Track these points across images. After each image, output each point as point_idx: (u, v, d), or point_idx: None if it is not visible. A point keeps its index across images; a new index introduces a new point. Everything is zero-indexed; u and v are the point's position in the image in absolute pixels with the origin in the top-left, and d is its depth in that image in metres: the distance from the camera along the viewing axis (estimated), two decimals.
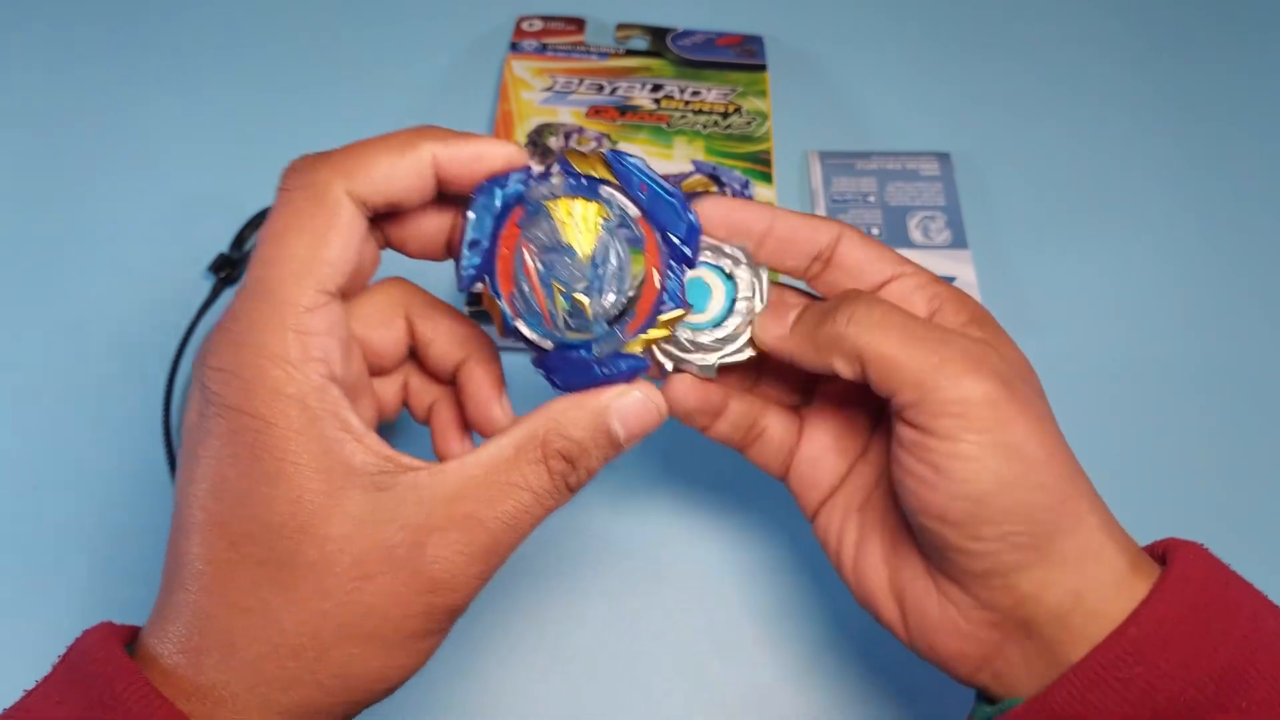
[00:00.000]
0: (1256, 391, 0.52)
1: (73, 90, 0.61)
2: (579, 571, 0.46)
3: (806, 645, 0.44)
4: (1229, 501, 0.49)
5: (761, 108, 0.59)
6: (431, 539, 0.27)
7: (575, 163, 0.30)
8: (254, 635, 0.26)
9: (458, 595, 0.28)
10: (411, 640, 0.28)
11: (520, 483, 0.28)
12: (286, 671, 0.26)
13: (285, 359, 0.26)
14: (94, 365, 0.51)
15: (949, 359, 0.29)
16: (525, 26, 0.62)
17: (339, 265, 0.27)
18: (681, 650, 0.44)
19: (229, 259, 0.53)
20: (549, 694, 0.43)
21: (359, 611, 0.26)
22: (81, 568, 0.45)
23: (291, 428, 0.26)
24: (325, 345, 0.27)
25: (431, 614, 0.27)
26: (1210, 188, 0.59)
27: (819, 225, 0.33)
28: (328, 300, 0.27)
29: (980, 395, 0.28)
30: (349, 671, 0.27)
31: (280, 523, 0.26)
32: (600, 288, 0.30)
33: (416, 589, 0.27)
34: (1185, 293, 0.55)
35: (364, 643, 0.27)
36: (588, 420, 0.29)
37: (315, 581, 0.26)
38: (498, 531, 0.28)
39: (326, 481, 0.26)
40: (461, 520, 0.27)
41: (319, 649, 0.26)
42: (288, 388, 0.26)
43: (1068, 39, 0.65)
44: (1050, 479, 0.29)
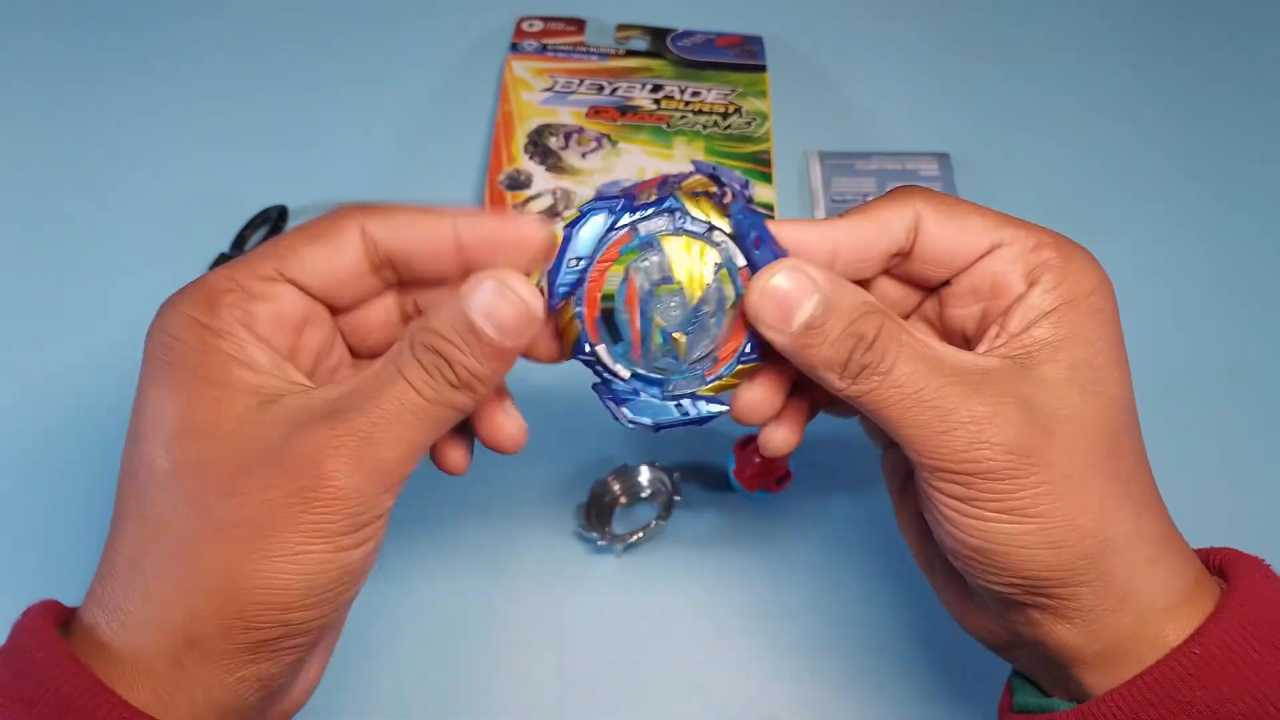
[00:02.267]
0: (1253, 395, 0.52)
1: (73, 92, 0.61)
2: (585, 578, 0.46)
3: (805, 645, 0.44)
4: (1227, 503, 0.49)
5: (761, 108, 0.59)
6: (311, 429, 0.27)
7: (689, 204, 0.31)
8: (147, 544, 0.27)
9: (332, 483, 0.26)
10: (295, 538, 0.26)
11: (399, 373, 0.28)
12: (173, 576, 0.26)
13: (217, 299, 0.28)
14: (94, 365, 0.51)
15: (952, 433, 0.27)
16: (525, 27, 0.62)
17: (311, 265, 0.29)
18: (680, 656, 0.44)
19: (229, 259, 0.53)
20: (547, 696, 0.43)
21: (235, 504, 0.26)
22: (81, 565, 0.45)
23: (197, 344, 0.28)
24: (257, 307, 0.28)
25: (307, 501, 0.26)
26: (1207, 190, 0.59)
27: (889, 217, 0.30)
28: (281, 281, 0.29)
29: (986, 469, 0.27)
30: (231, 570, 0.26)
31: (175, 427, 0.27)
32: (699, 331, 0.30)
33: (294, 475, 0.26)
34: (1185, 292, 0.55)
35: (241, 536, 0.26)
36: (447, 312, 0.28)
37: (198, 478, 0.27)
38: (375, 419, 0.27)
39: (218, 390, 0.27)
40: (342, 412, 0.27)
41: (197, 546, 0.26)
42: (207, 318, 0.28)
43: (1066, 41, 0.65)
44: (1073, 537, 0.27)
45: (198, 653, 0.26)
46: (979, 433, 0.27)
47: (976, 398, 0.27)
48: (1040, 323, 0.29)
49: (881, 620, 0.45)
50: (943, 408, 0.27)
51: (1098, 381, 0.29)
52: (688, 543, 0.47)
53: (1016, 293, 0.30)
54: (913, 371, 0.28)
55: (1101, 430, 0.28)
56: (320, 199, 0.56)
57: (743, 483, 0.46)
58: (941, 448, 0.27)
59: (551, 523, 0.47)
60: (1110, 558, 0.28)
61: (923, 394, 0.28)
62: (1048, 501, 0.27)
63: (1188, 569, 0.29)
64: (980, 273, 0.30)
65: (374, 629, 0.44)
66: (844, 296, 0.28)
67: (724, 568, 0.46)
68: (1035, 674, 0.31)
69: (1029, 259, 0.30)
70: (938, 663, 0.44)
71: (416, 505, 0.42)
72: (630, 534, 0.45)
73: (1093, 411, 0.28)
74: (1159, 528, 0.29)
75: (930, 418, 0.28)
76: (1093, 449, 0.28)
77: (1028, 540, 0.27)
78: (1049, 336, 0.29)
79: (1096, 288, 0.30)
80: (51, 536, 0.46)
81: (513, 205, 0.54)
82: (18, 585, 0.45)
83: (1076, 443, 0.28)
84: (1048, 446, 0.27)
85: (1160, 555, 0.28)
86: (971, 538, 0.28)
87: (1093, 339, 0.29)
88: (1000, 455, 0.27)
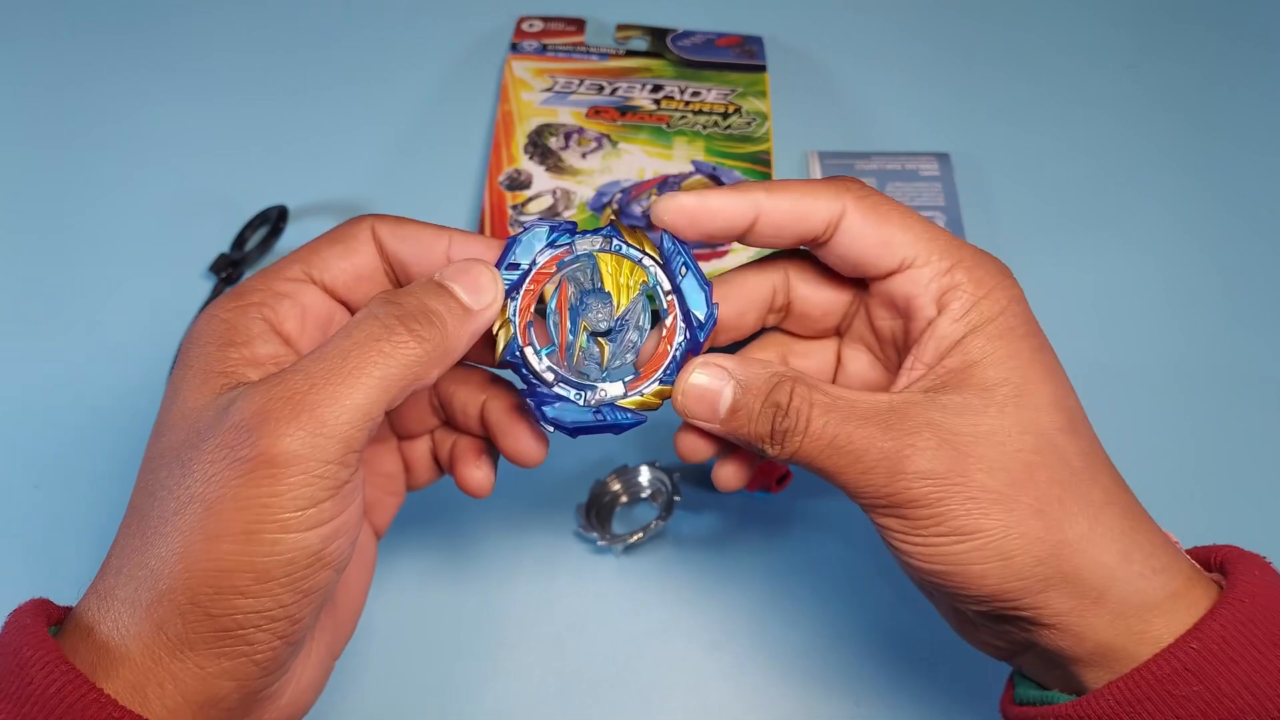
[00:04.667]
0: (1252, 395, 0.52)
1: (74, 91, 0.61)
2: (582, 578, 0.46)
3: (799, 644, 0.44)
4: (1227, 503, 0.49)
5: (761, 108, 0.59)
6: (250, 393, 0.27)
7: (625, 234, 0.32)
8: (127, 534, 0.28)
9: (276, 451, 0.26)
10: (239, 517, 0.26)
11: (337, 333, 0.28)
12: (140, 563, 0.27)
13: (242, 298, 0.30)
14: (94, 365, 0.51)
15: (875, 468, 0.29)
16: (525, 27, 0.62)
17: (331, 264, 0.31)
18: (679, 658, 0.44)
19: (229, 259, 0.53)
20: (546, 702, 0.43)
21: (190, 482, 0.26)
22: (82, 566, 0.45)
23: (202, 339, 0.29)
24: (280, 303, 0.30)
25: (250, 475, 0.26)
26: (1206, 190, 0.59)
27: (815, 204, 0.31)
28: (305, 281, 0.31)
29: (910, 498, 0.28)
30: (184, 553, 0.26)
31: (161, 419, 0.29)
32: (621, 341, 0.32)
33: (234, 444, 0.26)
34: (1185, 293, 0.55)
35: (193, 517, 0.26)
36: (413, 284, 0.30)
37: (164, 462, 0.28)
38: (313, 377, 0.27)
39: (203, 379, 0.28)
40: (282, 374, 0.27)
41: (159, 530, 0.27)
42: (224, 312, 0.30)
43: (1066, 42, 0.65)
44: (1020, 546, 0.28)
45: (165, 640, 0.26)
46: (895, 465, 0.28)
47: (889, 434, 0.29)
48: (951, 353, 0.30)
49: (882, 620, 0.45)
50: (858, 449, 0.29)
51: (1017, 395, 0.29)
52: (688, 543, 0.47)
53: (928, 317, 0.30)
54: (827, 423, 0.29)
55: (1028, 441, 0.29)
56: (320, 199, 0.56)
57: None
58: (867, 486, 0.29)
59: (551, 523, 0.47)
60: (1070, 559, 0.28)
61: (837, 440, 0.29)
62: (981, 518, 0.28)
63: (1173, 565, 0.29)
64: (894, 290, 0.31)
65: (374, 628, 0.44)
66: (755, 375, 0.30)
67: (724, 568, 0.46)
68: (1040, 675, 0.31)
69: (940, 282, 0.30)
70: (938, 662, 0.44)
71: (417, 505, 0.42)
72: (630, 534, 0.45)
73: (1013, 424, 0.29)
74: (1126, 524, 0.29)
75: (849, 461, 0.29)
76: (1018, 460, 0.28)
77: (975, 557, 0.28)
78: (958, 365, 0.30)
79: (1006, 307, 0.30)
80: (50, 534, 0.46)
81: (512, 205, 0.54)
82: (17, 585, 0.45)
83: (998, 456, 0.28)
84: (966, 466, 0.28)
85: (1131, 552, 0.28)
86: (924, 564, 0.29)
87: (1004, 358, 0.29)
88: (918, 483, 0.28)
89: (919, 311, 0.31)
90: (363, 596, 0.35)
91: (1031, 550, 0.28)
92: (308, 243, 0.32)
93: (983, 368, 0.29)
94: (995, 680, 0.35)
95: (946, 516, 0.28)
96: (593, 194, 0.55)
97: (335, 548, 0.27)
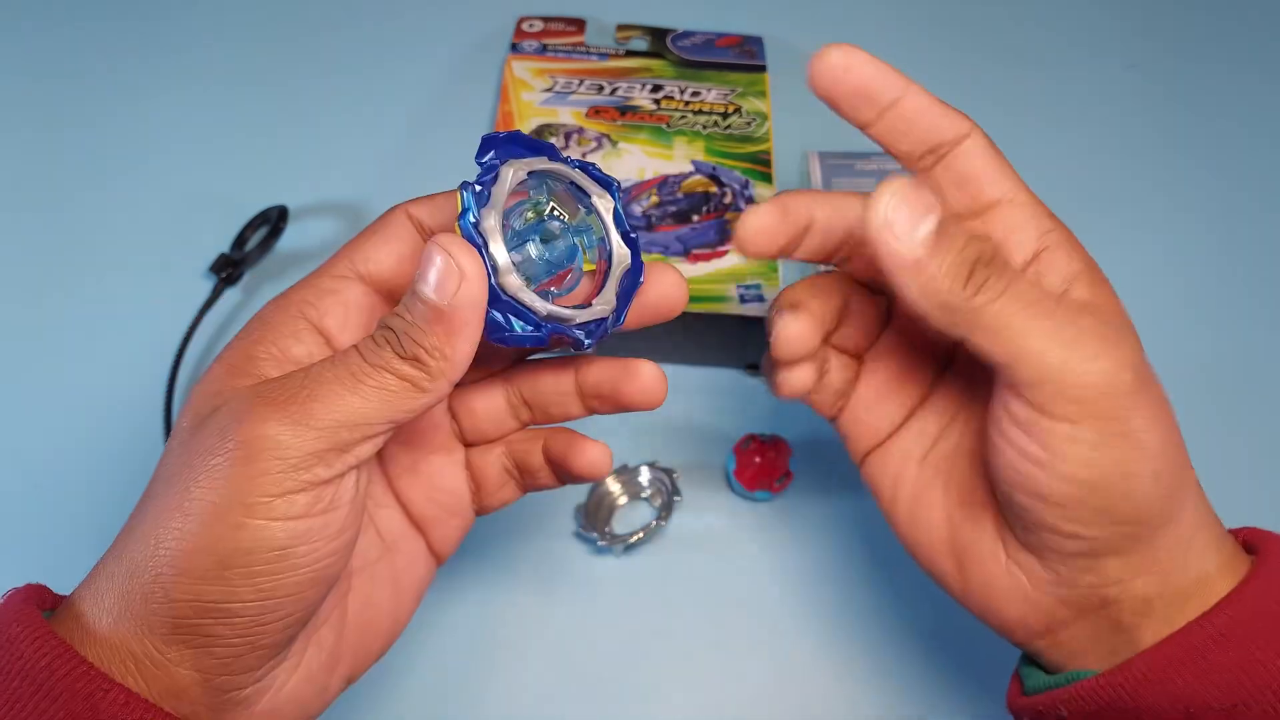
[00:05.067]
0: (1258, 390, 0.52)
1: (73, 90, 0.61)
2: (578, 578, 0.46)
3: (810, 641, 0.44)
4: (1230, 500, 0.49)
5: (761, 108, 0.59)
6: (255, 388, 0.27)
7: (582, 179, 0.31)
8: (137, 519, 0.27)
9: (255, 436, 0.25)
10: (205, 496, 0.25)
11: (346, 349, 0.28)
12: (122, 544, 0.27)
13: (290, 297, 0.30)
14: (94, 365, 0.51)
15: (1080, 341, 0.27)
16: (525, 27, 0.62)
17: (374, 254, 0.31)
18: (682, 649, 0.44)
19: (229, 259, 0.53)
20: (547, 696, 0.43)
21: (177, 468, 0.27)
22: (83, 567, 0.45)
23: (247, 340, 0.29)
24: (326, 300, 0.30)
25: (223, 453, 0.25)
26: (1209, 187, 0.59)
27: (948, 116, 0.31)
28: (352, 277, 0.31)
29: (1109, 383, 0.27)
30: (154, 533, 0.26)
31: (184, 409, 0.29)
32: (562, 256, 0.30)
33: (220, 432, 0.26)
34: (1185, 293, 0.55)
35: (170, 498, 0.26)
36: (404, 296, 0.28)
37: (168, 445, 0.28)
38: (314, 378, 0.26)
39: (226, 375, 0.29)
40: (286, 376, 0.27)
41: (141, 513, 0.27)
42: (267, 313, 0.30)
43: (1067, 39, 0.65)
44: (1166, 468, 0.28)
45: (130, 619, 0.26)
46: (1102, 344, 0.27)
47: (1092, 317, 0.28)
48: (1075, 285, 0.29)
49: (882, 619, 0.45)
50: (1068, 316, 0.27)
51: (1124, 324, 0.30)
52: (688, 543, 0.47)
53: (1030, 249, 0.30)
54: (1030, 285, 0.28)
55: (1132, 373, 0.28)
56: (320, 199, 0.56)
57: (743, 483, 0.46)
58: (1069, 359, 0.27)
59: (551, 523, 0.47)
60: (1185, 498, 0.29)
61: (1045, 303, 0.27)
62: (1154, 430, 0.27)
63: (1225, 536, 0.30)
64: (995, 221, 0.31)
65: None
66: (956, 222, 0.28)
67: (724, 568, 0.46)
68: (1082, 653, 0.30)
69: (1039, 224, 0.30)
70: (939, 661, 0.44)
71: None
72: (630, 534, 0.45)
73: (1129, 349, 0.28)
74: (1191, 477, 0.30)
75: (1057, 325, 0.27)
76: (1137, 378, 0.28)
77: (1136, 468, 0.27)
78: (1089, 298, 0.29)
79: (1093, 265, 0.30)
80: (50, 534, 0.46)
81: None
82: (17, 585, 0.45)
83: (1120, 371, 0.27)
84: (1149, 375, 0.28)
85: (1208, 515, 0.30)
86: (1081, 470, 0.27)
87: (1115, 307, 0.30)
88: (1125, 370, 0.27)
89: (1018, 246, 0.30)
90: (393, 623, 0.33)
91: (1174, 476, 0.28)
92: (353, 238, 0.31)
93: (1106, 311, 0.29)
94: (999, 675, 0.35)
95: (1132, 414, 0.27)
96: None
97: (306, 551, 0.26)
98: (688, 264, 0.52)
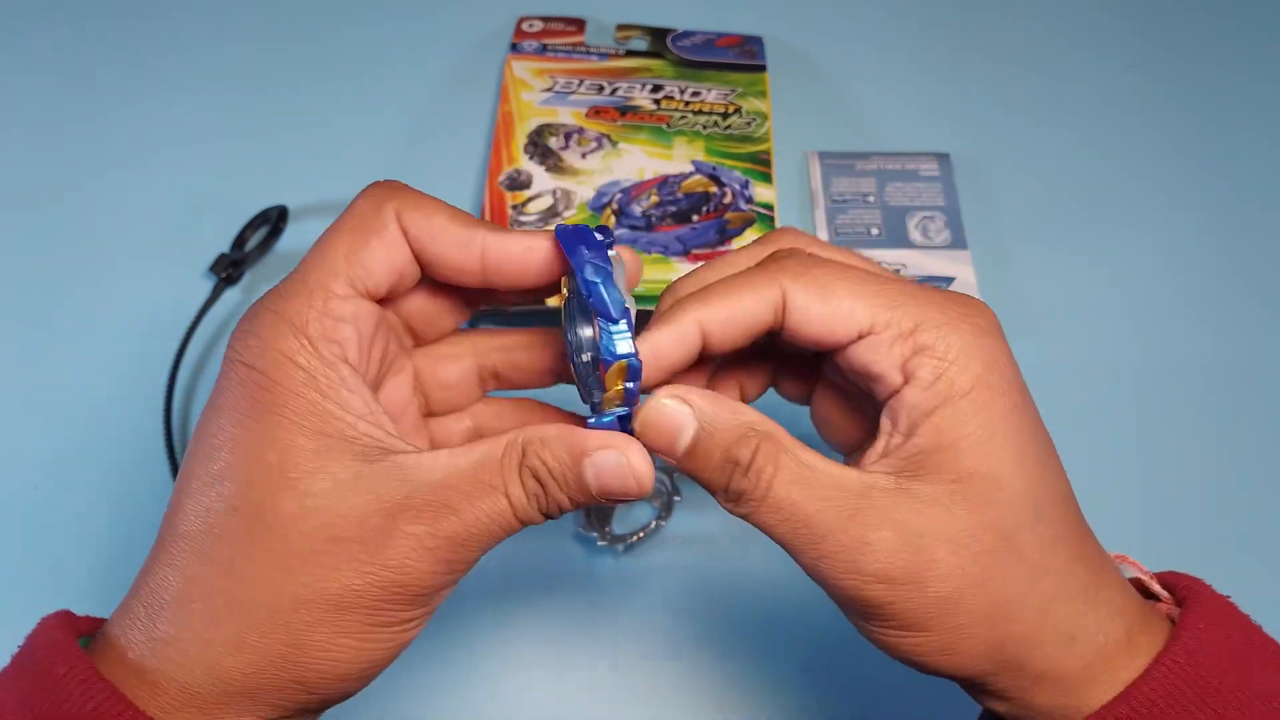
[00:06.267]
0: (1258, 391, 0.52)
1: (73, 90, 0.61)
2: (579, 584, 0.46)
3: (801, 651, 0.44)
4: (1231, 501, 0.49)
5: (761, 108, 0.59)
6: (405, 516, 0.27)
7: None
8: (214, 586, 0.26)
9: (418, 579, 0.27)
10: (369, 620, 0.27)
11: (501, 486, 0.27)
12: (239, 630, 0.26)
13: (304, 331, 0.27)
14: (94, 365, 0.51)
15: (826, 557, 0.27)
16: (525, 27, 0.62)
17: (373, 268, 0.29)
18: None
19: (229, 259, 0.53)
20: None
21: (320, 574, 0.26)
22: (82, 567, 0.45)
23: (294, 389, 0.27)
24: (344, 331, 0.28)
25: (391, 592, 0.27)
26: (1209, 187, 0.59)
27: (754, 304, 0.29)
28: (355, 295, 0.29)
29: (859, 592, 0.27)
30: (301, 640, 0.26)
31: (265, 472, 0.27)
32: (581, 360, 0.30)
33: (380, 562, 0.26)
34: (1185, 292, 0.55)
35: (320, 609, 0.26)
36: (564, 453, 0.28)
37: (284, 536, 0.26)
38: (470, 525, 0.27)
39: (316, 442, 0.27)
40: (437, 506, 0.27)
41: (275, 607, 0.26)
42: (298, 356, 0.27)
43: (1067, 39, 0.65)
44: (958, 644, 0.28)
45: (248, 702, 0.27)
46: (852, 561, 0.27)
47: (851, 524, 0.27)
48: (922, 427, 0.28)
49: None
50: (816, 533, 0.27)
51: (987, 490, 0.27)
52: (688, 543, 0.47)
53: (893, 385, 0.28)
54: (787, 496, 0.28)
55: (988, 541, 0.27)
56: (320, 199, 0.56)
57: None
58: (819, 570, 0.28)
59: (551, 523, 0.47)
60: (1013, 651, 0.28)
61: (795, 520, 0.28)
62: (927, 618, 0.27)
63: (1123, 634, 0.28)
64: (854, 361, 0.29)
65: None
66: (723, 421, 0.28)
67: (724, 568, 0.46)
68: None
69: (902, 347, 0.28)
70: None
71: None
72: (630, 534, 0.45)
73: (977, 524, 0.27)
74: (1076, 607, 0.28)
75: (805, 543, 0.28)
76: (977, 564, 0.27)
77: (918, 649, 0.28)
78: (931, 445, 0.28)
79: (980, 376, 0.28)
80: (49, 534, 0.46)
81: (512, 205, 0.54)
82: (18, 584, 0.45)
83: (957, 561, 0.27)
84: (923, 571, 0.27)
85: (1077, 634, 0.28)
86: (868, 637, 0.29)
87: (979, 442, 0.28)
88: (872, 584, 0.27)
89: (884, 379, 0.29)
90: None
91: (976, 647, 0.28)
92: (336, 237, 0.29)
93: (956, 454, 0.28)
94: None
95: (895, 615, 0.28)
96: (593, 194, 0.55)
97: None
98: (688, 264, 0.52)
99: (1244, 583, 0.47)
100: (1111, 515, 0.34)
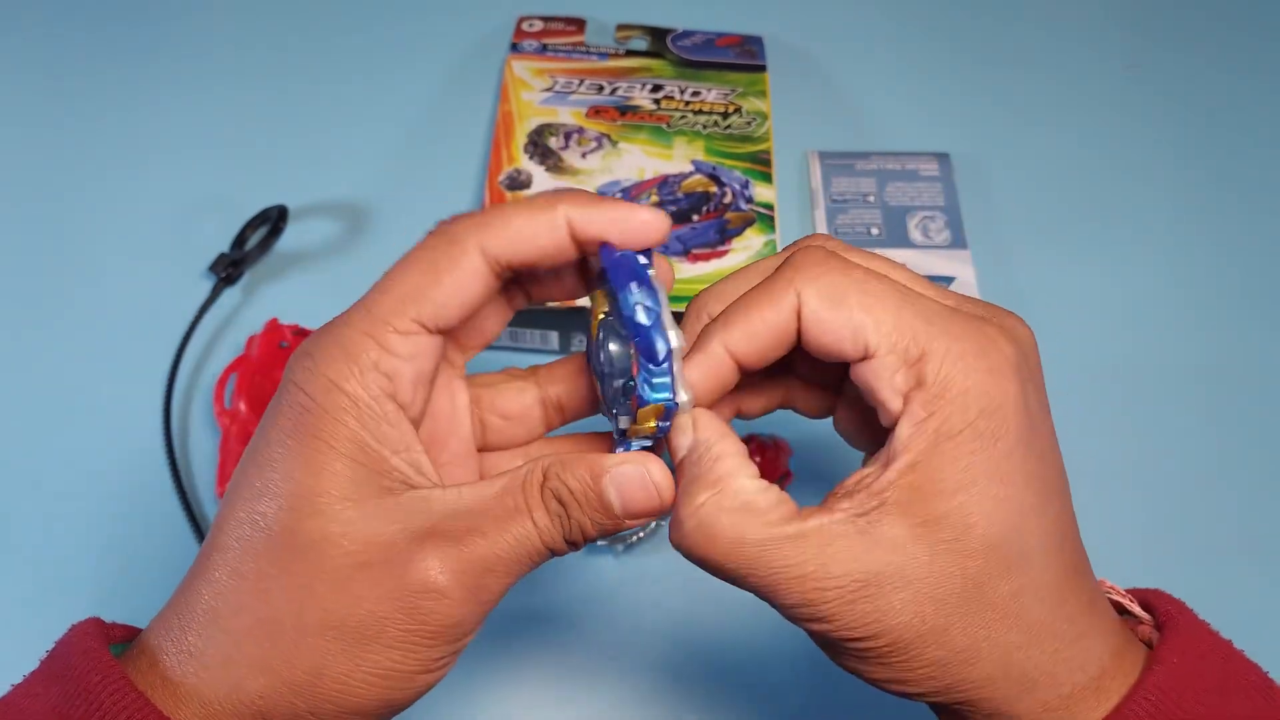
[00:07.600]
0: (1256, 392, 0.52)
1: (73, 90, 0.61)
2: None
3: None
4: (1230, 502, 0.49)
5: (761, 108, 0.59)
6: (432, 542, 0.27)
7: None
8: (242, 604, 0.26)
9: (446, 608, 0.27)
10: (392, 655, 0.27)
11: (526, 510, 0.28)
12: (263, 651, 0.26)
13: (356, 361, 0.27)
14: (94, 365, 0.51)
15: (852, 607, 0.27)
16: (525, 27, 0.62)
17: (444, 304, 0.28)
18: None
19: (229, 259, 0.53)
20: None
21: (347, 601, 0.26)
22: (82, 566, 0.45)
23: (335, 415, 0.27)
24: (398, 367, 0.28)
25: (418, 622, 0.27)
26: (1209, 188, 0.59)
27: (774, 315, 0.28)
28: (421, 331, 0.28)
29: (828, 639, 0.28)
30: (323, 668, 0.26)
31: (299, 493, 0.27)
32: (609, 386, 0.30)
33: (406, 588, 0.26)
34: (1184, 293, 0.55)
35: (344, 637, 0.26)
36: (584, 473, 0.28)
37: (312, 559, 0.26)
38: (497, 549, 0.27)
39: (352, 470, 0.27)
40: (465, 533, 0.27)
41: (300, 631, 0.26)
42: (346, 383, 0.27)
43: (1067, 40, 0.65)
44: (925, 683, 0.28)
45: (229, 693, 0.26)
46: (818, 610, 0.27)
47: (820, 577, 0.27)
48: (898, 463, 0.27)
49: None
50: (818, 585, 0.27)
51: (953, 535, 0.26)
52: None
53: (893, 414, 0.27)
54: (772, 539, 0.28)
55: (954, 586, 0.26)
56: (320, 199, 0.56)
57: None
58: (780, 602, 0.28)
59: None
60: (963, 689, 0.27)
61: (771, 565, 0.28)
62: (892, 659, 0.27)
63: (1086, 669, 0.28)
64: (860, 379, 0.28)
65: None
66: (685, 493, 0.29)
67: None
68: None
69: (904, 376, 0.27)
70: None
71: None
72: (630, 534, 0.45)
73: (942, 570, 0.26)
74: (1046, 654, 0.27)
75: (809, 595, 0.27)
76: (938, 611, 0.26)
77: (872, 675, 0.28)
78: (902, 483, 0.27)
79: (974, 420, 0.26)
80: (49, 534, 0.46)
81: None
82: (19, 584, 0.45)
83: (916, 606, 0.26)
84: (886, 615, 0.26)
85: (1040, 679, 0.27)
86: (833, 660, 0.29)
87: (956, 487, 0.26)
88: (840, 630, 0.27)
89: (884, 407, 0.27)
90: None
91: (929, 686, 0.28)
92: (401, 271, 0.28)
93: (926, 498, 0.26)
94: None
95: (863, 654, 0.28)
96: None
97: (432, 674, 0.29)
98: (688, 264, 0.52)
99: (1243, 583, 0.47)
100: (1109, 516, 0.34)
